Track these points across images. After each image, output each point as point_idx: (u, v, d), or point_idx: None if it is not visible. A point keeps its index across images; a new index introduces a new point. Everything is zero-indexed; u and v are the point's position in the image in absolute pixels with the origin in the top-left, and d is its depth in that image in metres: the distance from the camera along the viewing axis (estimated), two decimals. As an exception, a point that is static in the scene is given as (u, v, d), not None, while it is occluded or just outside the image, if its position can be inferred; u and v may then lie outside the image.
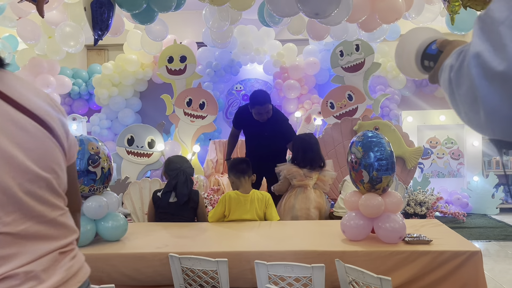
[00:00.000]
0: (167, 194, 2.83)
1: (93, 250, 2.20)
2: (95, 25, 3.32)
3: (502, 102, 0.57)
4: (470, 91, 0.61)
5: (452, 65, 0.68)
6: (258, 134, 3.77)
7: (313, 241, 2.27)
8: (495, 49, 0.57)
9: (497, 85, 0.57)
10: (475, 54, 0.60)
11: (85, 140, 2.29)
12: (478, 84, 0.59)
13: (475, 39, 0.61)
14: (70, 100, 6.69)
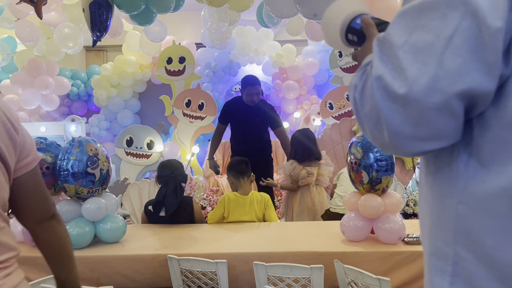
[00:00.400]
0: (157, 206, 2.70)
1: (92, 252, 2.19)
2: (94, 26, 3.32)
3: (404, 123, 0.61)
4: (373, 111, 0.64)
5: (356, 85, 0.69)
6: (247, 119, 3.79)
7: (312, 242, 2.27)
8: (395, 72, 0.60)
9: (398, 107, 0.60)
10: (377, 77, 0.62)
11: (84, 141, 2.28)
12: (381, 105, 0.62)
13: (376, 62, 0.64)
14: (69, 101, 6.68)
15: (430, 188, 0.70)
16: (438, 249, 0.66)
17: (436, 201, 0.68)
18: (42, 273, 2.08)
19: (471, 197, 0.62)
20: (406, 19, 0.63)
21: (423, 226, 0.74)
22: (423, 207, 0.74)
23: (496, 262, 0.59)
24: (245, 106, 3.79)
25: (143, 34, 5.19)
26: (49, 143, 2.39)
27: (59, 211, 2.25)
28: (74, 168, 2.20)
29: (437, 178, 0.68)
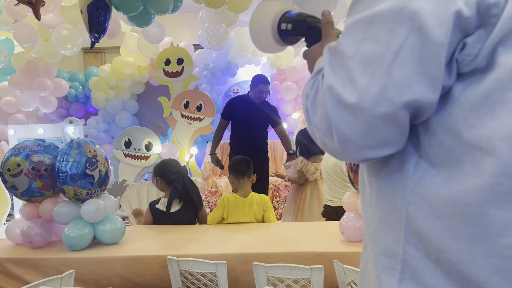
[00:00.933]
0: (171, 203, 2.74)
1: (91, 253, 2.19)
2: (92, 28, 3.31)
3: (353, 131, 0.63)
4: (324, 119, 0.66)
5: (308, 94, 0.72)
6: (252, 115, 4.06)
7: (312, 242, 2.27)
8: (346, 82, 0.63)
9: (349, 116, 0.62)
10: (328, 87, 0.65)
11: (82, 143, 2.28)
12: (331, 114, 0.64)
13: (327, 71, 0.66)
14: (67, 103, 6.67)
15: (377, 189, 0.72)
16: (388, 248, 0.68)
17: (385, 202, 0.70)
18: (41, 275, 2.08)
19: (420, 198, 0.64)
20: (356, 30, 0.64)
21: (368, 226, 0.76)
22: (367, 208, 0.76)
23: (442, 260, 0.62)
24: (250, 103, 4.08)
25: (141, 35, 5.19)
26: (47, 145, 2.38)
27: (58, 213, 2.26)
28: (73, 170, 2.20)
29: (387, 180, 0.70)
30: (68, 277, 1.78)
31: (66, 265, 2.09)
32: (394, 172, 0.68)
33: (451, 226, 0.61)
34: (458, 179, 0.61)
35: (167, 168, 2.86)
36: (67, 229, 2.24)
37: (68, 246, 2.23)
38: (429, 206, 0.63)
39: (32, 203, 2.43)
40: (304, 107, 0.74)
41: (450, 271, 0.62)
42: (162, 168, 2.89)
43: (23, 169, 2.28)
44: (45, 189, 2.35)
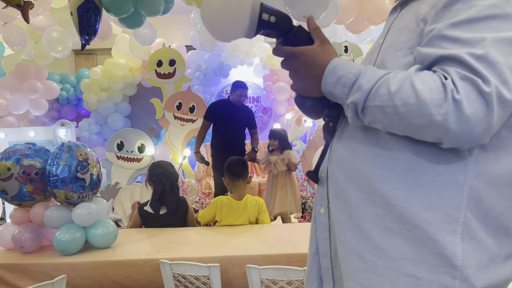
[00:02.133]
0: (156, 205, 2.72)
1: (83, 258, 2.17)
2: (82, 30, 3.29)
3: (498, 122, 0.76)
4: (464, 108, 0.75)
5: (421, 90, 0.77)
6: (233, 117, 4.44)
7: (305, 243, 2.25)
8: (502, 83, 0.75)
9: (500, 109, 0.75)
10: (496, 85, 0.74)
11: (73, 146, 2.26)
12: (492, 106, 0.74)
13: (493, 74, 0.74)
14: (58, 105, 6.63)
15: (429, 171, 0.82)
16: (450, 215, 0.80)
17: (441, 180, 0.81)
18: (33, 281, 2.05)
19: (480, 173, 0.80)
20: (502, 45, 0.75)
21: (417, 200, 0.82)
22: (401, 189, 0.83)
23: (491, 216, 0.81)
24: (231, 106, 4.46)
25: (132, 37, 5.16)
26: (37, 149, 2.36)
27: (49, 217, 2.23)
28: (64, 174, 2.18)
29: (444, 162, 0.81)
30: (59, 282, 1.76)
31: (58, 270, 2.07)
32: (451, 156, 0.81)
33: (503, 191, 0.82)
34: (508, 158, 0.81)
35: (152, 169, 2.87)
36: (59, 234, 2.22)
37: (60, 250, 2.21)
38: (488, 178, 0.81)
39: (22, 207, 2.40)
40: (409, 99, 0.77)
41: (494, 223, 0.81)
42: (149, 169, 2.92)
43: (14, 173, 2.25)
44: (36, 193, 2.33)
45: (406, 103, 0.76)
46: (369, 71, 0.83)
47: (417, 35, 0.86)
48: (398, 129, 0.80)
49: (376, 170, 0.85)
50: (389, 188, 0.83)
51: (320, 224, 1.00)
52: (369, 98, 0.81)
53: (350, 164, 0.91)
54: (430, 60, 0.80)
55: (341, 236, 0.91)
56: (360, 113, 0.84)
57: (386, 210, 0.84)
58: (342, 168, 0.92)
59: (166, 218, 2.72)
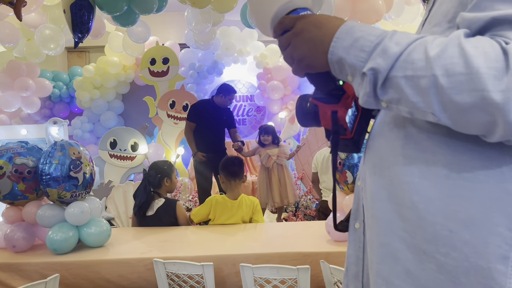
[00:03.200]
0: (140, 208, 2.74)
1: (75, 257, 2.16)
2: (75, 28, 3.27)
3: None
4: None
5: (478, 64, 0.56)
6: (216, 118, 4.46)
7: (298, 242, 2.28)
8: None
9: None
10: None
11: (66, 145, 2.25)
12: None
13: None
14: (51, 103, 6.58)
15: (477, 178, 0.63)
16: (500, 235, 0.61)
17: (489, 190, 0.62)
18: (25, 280, 2.05)
19: None
20: None
21: (455, 214, 0.64)
22: (434, 200, 0.66)
23: None
24: (215, 107, 4.47)
25: (126, 35, 5.14)
26: (30, 147, 2.35)
27: (42, 216, 2.23)
28: (57, 172, 2.17)
29: (497, 167, 0.62)
30: (52, 281, 1.76)
31: (51, 269, 2.06)
32: (501, 157, 0.62)
33: None
34: None
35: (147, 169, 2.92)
36: (51, 233, 2.21)
37: (52, 250, 2.20)
38: None
39: (15, 206, 2.39)
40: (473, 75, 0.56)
41: None
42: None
43: (6, 172, 2.24)
44: (28, 192, 2.32)
45: (449, 72, 0.56)
46: (399, 34, 0.63)
47: (458, 2, 0.66)
48: (432, 112, 0.60)
49: (406, 177, 0.68)
50: (420, 199, 0.66)
51: (354, 241, 0.85)
52: (396, 66, 0.60)
53: (379, 168, 0.74)
54: (479, 24, 0.59)
55: (370, 256, 0.76)
56: (379, 87, 0.63)
57: (417, 227, 0.66)
58: (372, 174, 0.76)
59: (152, 221, 2.71)
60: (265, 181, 4.43)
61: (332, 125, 0.81)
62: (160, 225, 2.71)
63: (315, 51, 0.70)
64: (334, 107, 0.81)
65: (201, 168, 4.45)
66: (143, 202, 2.72)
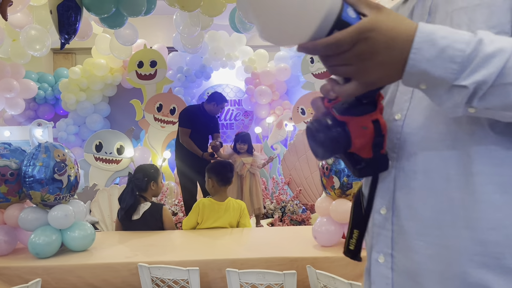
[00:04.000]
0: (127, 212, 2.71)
1: (58, 261, 2.12)
2: (62, 29, 3.23)
3: None
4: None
5: None
6: (206, 124, 4.52)
7: (285, 247, 2.27)
8: None
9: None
10: None
11: (51, 147, 2.21)
12: None
13: None
14: (35, 105, 6.48)
15: None
16: None
17: None
18: (6, 285, 2.00)
19: None
20: None
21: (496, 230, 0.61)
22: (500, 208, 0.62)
23: None
24: (205, 114, 4.49)
25: (113, 37, 5.10)
26: (13, 149, 2.30)
27: (24, 219, 2.18)
28: (41, 175, 2.13)
29: None
30: (34, 286, 1.72)
31: (33, 274, 2.02)
32: None
33: None
34: None
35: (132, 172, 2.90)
36: (34, 236, 2.17)
37: (35, 253, 2.16)
38: None
39: (-4, 209, 2.34)
40: None
41: None
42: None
43: (-13, 174, 2.19)
44: (10, 195, 2.27)
45: None
46: (488, 36, 0.57)
47: (507, 7, 0.62)
48: None
49: (482, 195, 0.62)
50: (505, 215, 0.61)
51: (378, 278, 0.74)
52: (504, 74, 0.55)
53: (434, 191, 0.66)
54: None
55: None
56: (478, 98, 0.57)
57: (506, 246, 0.61)
58: (424, 198, 0.67)
59: (138, 225, 2.68)
60: (237, 188, 4.53)
61: (375, 137, 0.66)
62: (146, 229, 2.68)
63: (390, 73, 0.60)
64: (372, 115, 0.65)
65: (186, 171, 4.43)
66: (130, 206, 2.68)
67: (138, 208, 2.70)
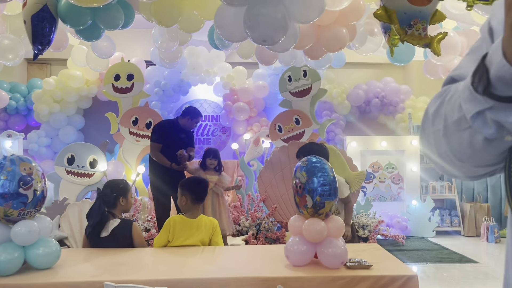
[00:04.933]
0: (94, 229, 2.63)
1: (20, 279, 2.03)
2: (35, 39, 3.17)
3: None
4: None
5: None
6: (181, 139, 4.46)
7: (256, 266, 2.24)
8: None
9: None
10: None
11: (17, 160, 2.14)
12: None
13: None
14: (6, 115, 6.32)
15: None
16: None
17: None
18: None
19: None
20: None
21: None
22: None
23: None
24: (179, 129, 4.47)
25: (90, 49, 5.04)
26: (-23, 161, 2.21)
27: (-16, 235, 2.09)
28: (4, 189, 2.05)
29: None
30: (-9, 306, 1.64)
31: (-9, 293, 1.93)
32: None
33: None
34: None
35: (101, 188, 2.80)
36: (-5, 253, 2.07)
37: (-5, 271, 2.06)
38: None
39: (-44, 223, 2.23)
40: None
41: None
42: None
43: None
44: (-28, 209, 2.17)
45: None
46: None
47: None
48: None
49: None
50: None
51: None
52: None
53: None
54: None
55: None
56: None
57: None
58: None
59: (107, 242, 2.59)
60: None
61: None
62: (115, 246, 2.60)
63: None
64: None
65: (160, 186, 4.36)
66: (97, 223, 2.60)
67: (106, 225, 2.62)
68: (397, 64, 4.61)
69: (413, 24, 2.58)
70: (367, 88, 6.88)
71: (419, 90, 7.00)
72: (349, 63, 6.17)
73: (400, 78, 7.38)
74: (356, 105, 6.84)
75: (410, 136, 6.41)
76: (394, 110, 6.81)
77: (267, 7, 2.85)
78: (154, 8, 3.52)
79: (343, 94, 6.73)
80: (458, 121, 0.62)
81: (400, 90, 6.84)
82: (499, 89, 0.55)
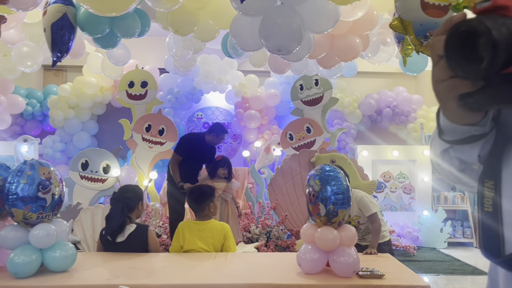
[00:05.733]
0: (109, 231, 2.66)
1: (37, 282, 2.08)
2: (55, 47, 3.25)
3: None
4: None
5: None
6: (204, 155, 4.55)
7: (269, 274, 2.26)
8: None
9: None
10: None
11: (36, 164, 2.19)
12: None
13: None
14: (23, 120, 6.43)
15: None
16: None
17: None
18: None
19: None
20: None
21: None
22: None
23: None
24: (205, 145, 4.51)
25: (105, 56, 5.13)
26: (-2, 165, 2.28)
27: (4, 237, 2.14)
28: (24, 192, 2.10)
29: None
30: (10, 307, 1.68)
31: (9, 294, 1.97)
32: None
33: None
34: None
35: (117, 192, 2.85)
36: (13, 255, 2.12)
37: (13, 273, 2.10)
38: None
39: (-24, 226, 2.29)
40: None
41: None
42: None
43: (-31, 190, 2.16)
44: (-8, 212, 2.23)
45: None
46: None
47: None
48: None
49: None
50: None
51: None
52: None
53: None
54: None
55: None
56: None
57: None
58: None
59: (123, 247, 2.63)
60: None
61: None
62: (131, 251, 2.64)
63: None
64: None
65: (176, 194, 4.40)
66: (118, 227, 2.64)
67: (123, 230, 2.66)
68: (409, 74, 4.61)
69: (429, 35, 2.60)
70: (379, 98, 6.88)
71: (431, 100, 6.97)
72: (361, 72, 6.18)
73: (412, 87, 7.37)
74: (367, 114, 6.84)
75: (422, 146, 6.38)
76: (406, 119, 6.79)
77: (283, 17, 2.89)
78: (171, 17, 3.59)
79: (355, 103, 6.73)
80: (440, 154, 0.77)
81: (412, 99, 6.83)
82: (447, 134, 0.71)
